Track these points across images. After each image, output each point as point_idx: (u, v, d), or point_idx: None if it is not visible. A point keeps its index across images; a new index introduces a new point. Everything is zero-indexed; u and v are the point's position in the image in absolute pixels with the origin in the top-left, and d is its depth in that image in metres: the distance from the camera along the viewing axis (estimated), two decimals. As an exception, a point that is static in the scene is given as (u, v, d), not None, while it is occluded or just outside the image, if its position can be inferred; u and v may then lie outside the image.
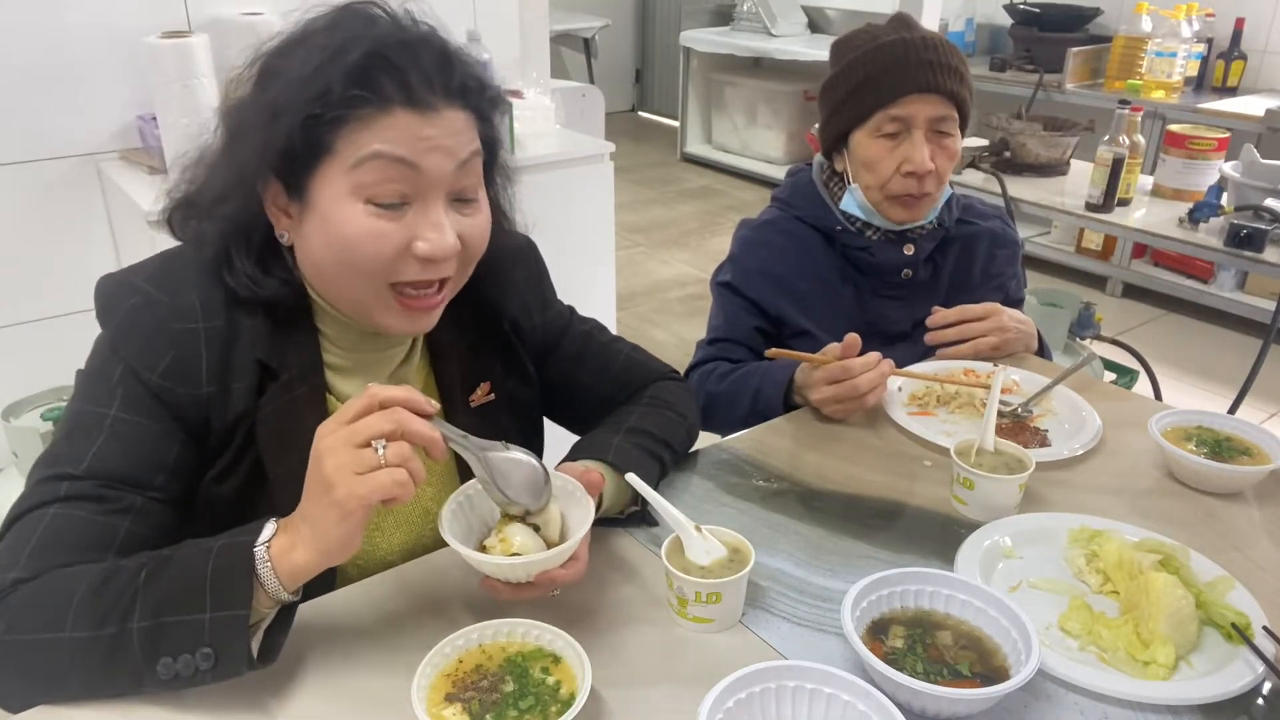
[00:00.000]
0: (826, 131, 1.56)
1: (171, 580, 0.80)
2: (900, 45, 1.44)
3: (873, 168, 1.48)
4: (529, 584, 0.89)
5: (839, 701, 0.77)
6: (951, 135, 1.47)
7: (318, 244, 0.92)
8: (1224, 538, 1.08)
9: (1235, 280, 3.71)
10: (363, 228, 0.89)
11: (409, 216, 0.90)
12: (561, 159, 2.37)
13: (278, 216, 0.94)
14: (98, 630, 0.78)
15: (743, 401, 1.43)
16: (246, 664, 0.79)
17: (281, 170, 0.90)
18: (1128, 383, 2.58)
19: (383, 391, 0.80)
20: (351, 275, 0.92)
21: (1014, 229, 1.69)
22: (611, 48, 6.92)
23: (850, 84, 1.47)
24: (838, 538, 1.07)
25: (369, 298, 0.94)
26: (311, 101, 0.86)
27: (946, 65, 1.43)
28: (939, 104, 1.44)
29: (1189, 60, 3.97)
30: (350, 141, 0.87)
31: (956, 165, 3.04)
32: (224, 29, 2.10)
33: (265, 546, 0.80)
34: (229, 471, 0.96)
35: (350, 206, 0.88)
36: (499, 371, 1.14)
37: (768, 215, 1.64)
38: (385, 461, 0.77)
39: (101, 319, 0.94)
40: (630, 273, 4.42)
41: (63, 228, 2.12)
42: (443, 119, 0.90)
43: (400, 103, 0.87)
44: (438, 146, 0.89)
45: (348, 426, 0.79)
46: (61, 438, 0.91)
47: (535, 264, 1.21)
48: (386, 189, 0.88)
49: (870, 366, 1.28)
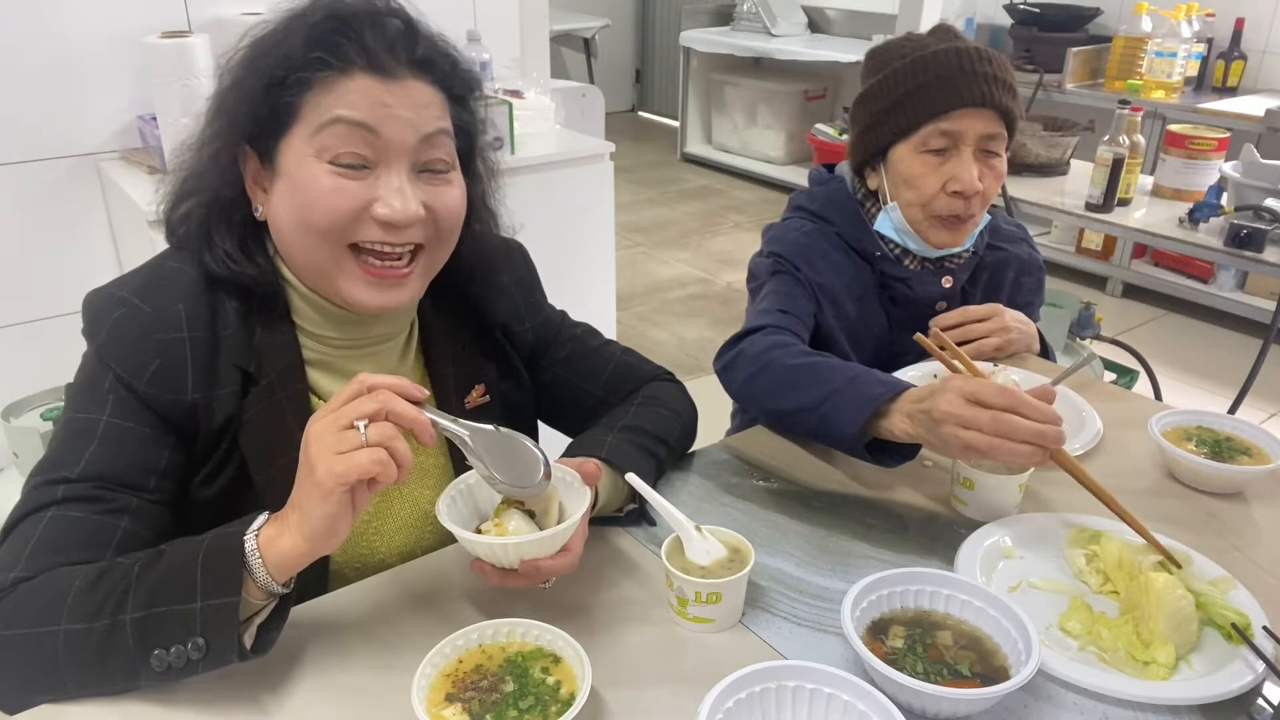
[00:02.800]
0: (862, 145, 1.44)
1: (163, 572, 0.81)
2: (954, 54, 1.33)
3: (916, 185, 1.37)
4: (517, 572, 0.89)
5: (839, 701, 0.77)
6: (1000, 156, 1.37)
7: (283, 208, 0.94)
8: (1224, 538, 1.08)
9: (1235, 280, 3.71)
10: (324, 186, 0.90)
11: (370, 179, 0.92)
12: (561, 159, 2.37)
13: (255, 191, 0.97)
14: (91, 623, 0.79)
15: (811, 392, 1.14)
16: (237, 653, 0.79)
17: (254, 137, 0.93)
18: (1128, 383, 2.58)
19: (372, 377, 0.81)
20: (311, 235, 0.93)
21: (1037, 251, 1.62)
22: (611, 48, 6.92)
23: (895, 94, 1.36)
24: (838, 538, 1.07)
25: (330, 264, 0.94)
26: (275, 66, 0.90)
27: (1002, 80, 1.34)
28: (992, 120, 1.34)
29: (1189, 60, 3.97)
30: (314, 106, 0.90)
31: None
32: (224, 29, 2.10)
33: (254, 535, 0.81)
34: (214, 476, 0.97)
35: (315, 167, 0.91)
36: (493, 374, 1.14)
37: (807, 227, 1.48)
38: (366, 441, 0.77)
39: (89, 332, 0.95)
40: (630, 273, 4.42)
41: (63, 228, 2.13)
42: (405, 88, 0.92)
43: (361, 66, 0.90)
44: (398, 115, 0.91)
45: (334, 412, 0.79)
46: (56, 445, 0.92)
47: (525, 268, 1.21)
48: (347, 151, 0.90)
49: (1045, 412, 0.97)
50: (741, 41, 5.59)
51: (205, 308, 0.95)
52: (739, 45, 5.59)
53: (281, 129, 0.92)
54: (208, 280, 0.96)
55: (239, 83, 0.93)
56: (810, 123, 5.38)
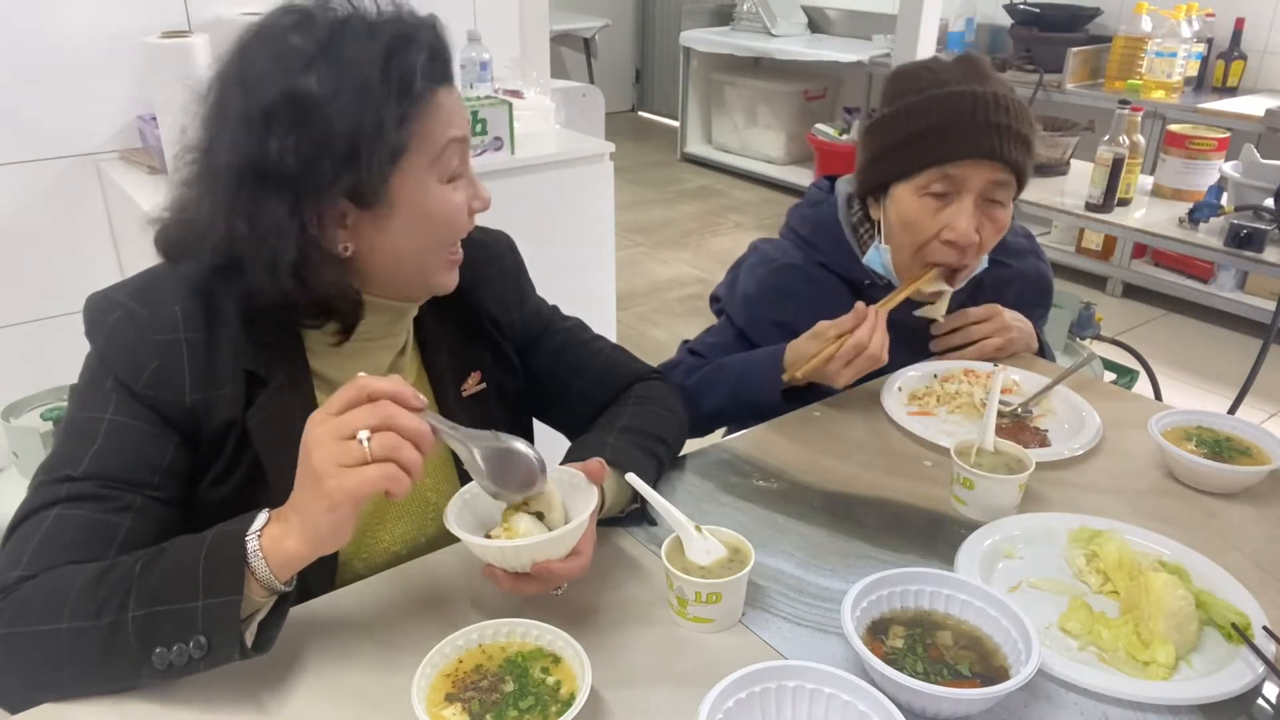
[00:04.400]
0: (867, 175, 1.40)
1: (166, 570, 0.81)
2: (969, 99, 1.28)
3: (911, 228, 1.34)
4: (529, 576, 0.89)
5: (839, 701, 0.77)
6: (1004, 206, 1.33)
7: (404, 237, 0.96)
8: (1224, 538, 1.08)
9: (1235, 280, 3.71)
10: (452, 203, 0.98)
11: (464, 181, 1.00)
12: (561, 159, 2.37)
13: (331, 231, 0.92)
14: (94, 620, 0.79)
15: (717, 392, 1.38)
16: (239, 651, 0.79)
17: (358, 187, 0.90)
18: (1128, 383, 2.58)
19: (371, 383, 0.80)
20: (438, 247, 1.00)
21: (1045, 262, 1.57)
22: (611, 48, 6.92)
23: (905, 130, 1.32)
24: (838, 538, 1.07)
25: (436, 264, 1.01)
26: (394, 105, 0.89)
27: (1017, 132, 1.29)
28: (999, 171, 1.29)
29: (1189, 60, 3.97)
30: (421, 136, 0.92)
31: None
32: (224, 29, 2.10)
33: (256, 535, 0.81)
34: (224, 476, 0.97)
35: (439, 189, 0.96)
36: (488, 360, 1.16)
37: (789, 256, 1.48)
38: (371, 454, 0.77)
39: (90, 334, 0.96)
40: (630, 273, 4.42)
41: (63, 228, 2.12)
42: (452, 89, 0.97)
43: (443, 81, 0.95)
44: (466, 117, 0.99)
45: (335, 418, 0.79)
46: (60, 444, 0.92)
47: (511, 259, 1.23)
48: (454, 164, 0.97)
49: (863, 318, 1.26)
50: (741, 41, 5.59)
51: (202, 309, 0.95)
52: (739, 45, 5.59)
53: (391, 166, 0.91)
54: (207, 281, 0.96)
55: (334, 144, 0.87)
56: (810, 123, 5.38)
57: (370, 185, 0.90)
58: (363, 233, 0.94)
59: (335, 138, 0.87)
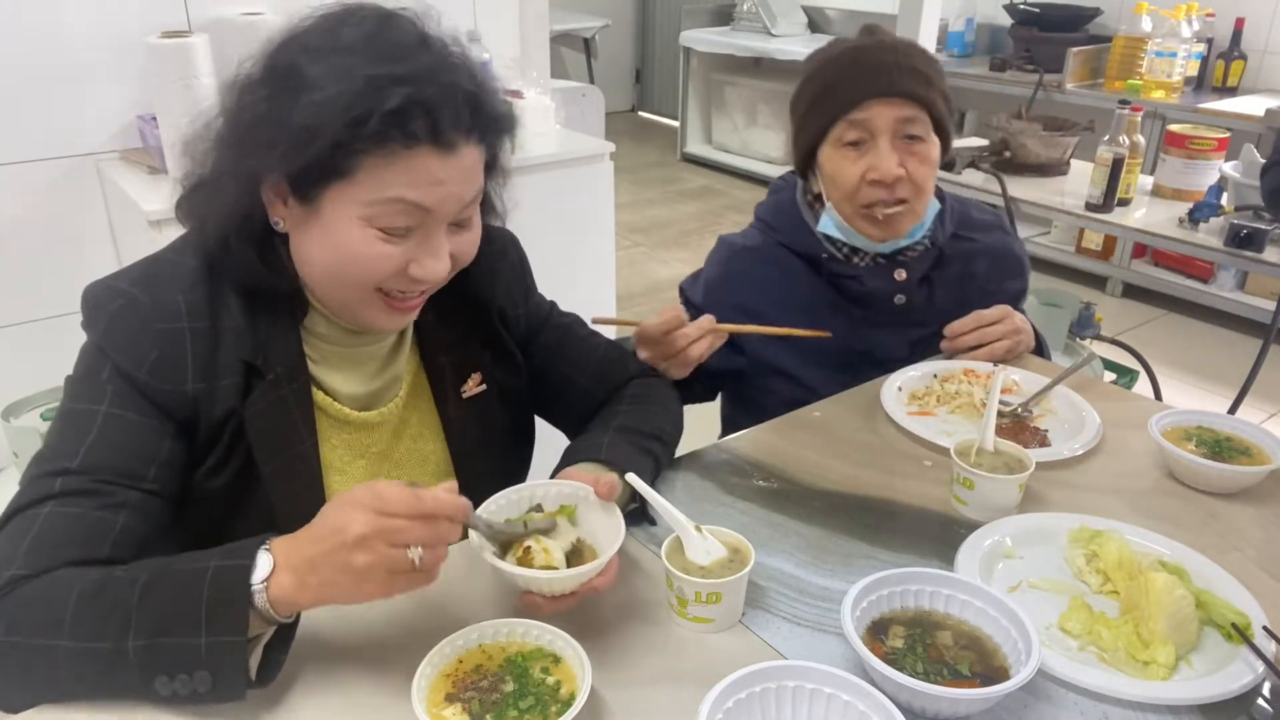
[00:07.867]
0: (795, 150, 1.49)
1: (167, 601, 0.79)
2: (853, 51, 1.38)
3: (839, 182, 1.40)
4: (568, 595, 0.89)
5: (839, 701, 0.77)
6: (924, 140, 1.37)
7: (316, 249, 0.94)
8: (1224, 538, 1.08)
9: (1235, 280, 3.71)
10: (366, 250, 0.92)
11: (410, 242, 0.93)
12: (561, 159, 2.37)
13: (275, 206, 0.95)
14: (95, 643, 0.78)
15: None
16: (245, 686, 0.78)
17: (295, 179, 0.90)
18: (1128, 383, 2.58)
19: (430, 499, 0.79)
20: (342, 284, 0.96)
21: (1017, 239, 1.61)
22: (611, 48, 6.92)
23: (809, 97, 1.42)
24: (838, 538, 1.07)
25: (355, 301, 0.97)
26: (343, 129, 0.86)
27: (906, 66, 1.35)
28: (902, 106, 1.35)
29: (1189, 60, 3.97)
30: (372, 175, 0.88)
31: (957, 165, 3.06)
32: (224, 29, 2.10)
33: (264, 586, 0.79)
34: (219, 468, 0.97)
35: (358, 230, 0.91)
36: (488, 361, 1.15)
37: (751, 238, 1.55)
38: (418, 566, 0.78)
39: (88, 323, 0.95)
40: (630, 273, 4.42)
41: (63, 228, 2.12)
42: (459, 158, 0.92)
43: (425, 141, 0.88)
44: (450, 190, 0.92)
45: (388, 522, 0.77)
46: (54, 436, 0.91)
47: (518, 254, 1.23)
48: (397, 222, 0.91)
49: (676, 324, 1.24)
50: (741, 41, 5.59)
51: (205, 298, 0.95)
52: (739, 45, 5.59)
53: (329, 180, 0.89)
54: (208, 271, 0.96)
55: (295, 128, 0.87)
56: (810, 123, 5.37)
57: (305, 181, 0.90)
58: (291, 221, 0.95)
59: (294, 121, 0.87)
